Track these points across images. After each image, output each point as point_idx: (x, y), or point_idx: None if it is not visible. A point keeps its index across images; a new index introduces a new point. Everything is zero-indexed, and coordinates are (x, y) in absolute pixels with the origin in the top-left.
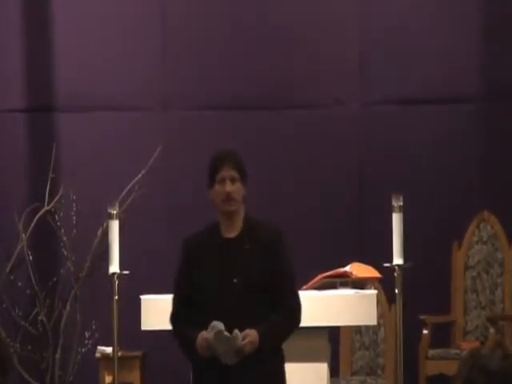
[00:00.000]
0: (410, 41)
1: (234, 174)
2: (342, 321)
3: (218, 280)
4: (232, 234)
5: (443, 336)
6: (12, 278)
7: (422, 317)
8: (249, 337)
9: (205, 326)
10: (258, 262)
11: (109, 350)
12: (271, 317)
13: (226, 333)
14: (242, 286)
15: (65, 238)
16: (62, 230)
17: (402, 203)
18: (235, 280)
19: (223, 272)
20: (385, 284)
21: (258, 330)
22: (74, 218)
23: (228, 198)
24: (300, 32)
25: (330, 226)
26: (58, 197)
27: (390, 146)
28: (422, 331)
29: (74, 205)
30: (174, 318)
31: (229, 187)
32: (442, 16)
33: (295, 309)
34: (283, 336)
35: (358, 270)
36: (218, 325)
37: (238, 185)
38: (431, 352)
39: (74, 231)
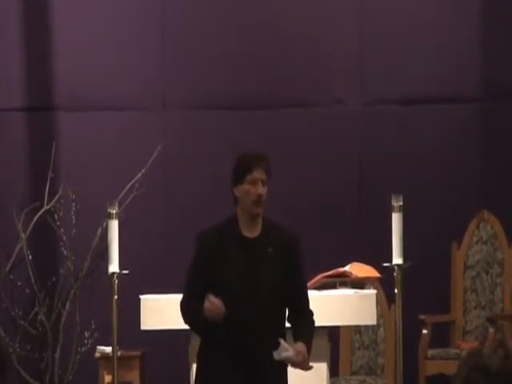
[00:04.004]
0: (410, 41)
1: (264, 177)
2: (342, 320)
3: (242, 279)
4: (252, 233)
5: (443, 336)
6: (11, 277)
7: (421, 316)
8: (302, 353)
9: (224, 324)
10: (281, 265)
11: (108, 349)
12: (303, 325)
13: (288, 353)
14: (266, 287)
15: (64, 238)
16: (62, 230)
17: (401, 203)
18: (261, 281)
19: (248, 272)
20: (384, 284)
21: (305, 342)
22: (74, 217)
23: (259, 199)
24: (300, 32)
25: (330, 226)
26: (57, 196)
27: (389, 145)
28: (421, 331)
29: (74, 204)
30: (186, 305)
31: (261, 189)
32: (442, 16)
33: (313, 315)
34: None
35: (357, 269)
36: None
37: (266, 188)
38: (431, 352)
39: (74, 231)
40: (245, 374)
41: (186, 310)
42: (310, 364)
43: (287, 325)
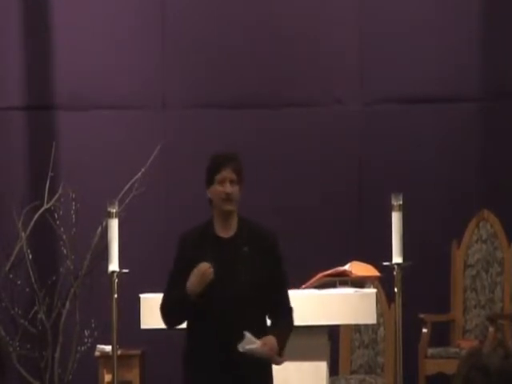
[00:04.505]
0: (410, 40)
1: (234, 176)
2: (342, 319)
3: (218, 281)
4: (227, 233)
5: (442, 335)
6: (11, 276)
7: (421, 315)
8: (269, 344)
9: (201, 322)
10: (257, 264)
11: (108, 348)
12: (278, 321)
13: (253, 345)
14: (243, 287)
15: (64, 237)
16: (62, 229)
17: (401, 202)
18: (236, 281)
19: (223, 272)
20: (384, 283)
21: (276, 336)
22: (74, 216)
23: (227, 198)
24: (300, 32)
25: (330, 226)
26: (57, 195)
27: (389, 145)
28: (421, 330)
29: (74, 203)
30: (164, 307)
31: (229, 188)
32: (442, 16)
33: (292, 312)
34: (288, 338)
35: (357, 268)
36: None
37: (237, 187)
38: (430, 351)
39: (74, 230)
40: (227, 374)
41: (165, 304)
42: (309, 362)
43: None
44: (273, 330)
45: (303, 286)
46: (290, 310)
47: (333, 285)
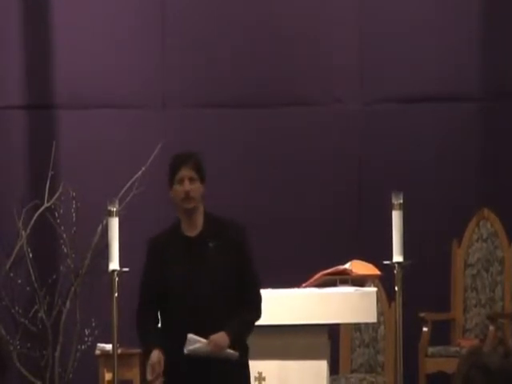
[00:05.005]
0: (410, 40)
1: (193, 174)
2: (342, 318)
3: (184, 278)
4: (193, 232)
5: (443, 334)
6: (12, 275)
7: (421, 314)
8: (215, 341)
9: (173, 324)
10: (223, 260)
11: (108, 347)
12: (238, 314)
13: (196, 344)
14: (209, 284)
15: (64, 236)
16: (62, 228)
17: (401, 201)
18: (202, 278)
19: (189, 270)
20: (385, 281)
21: (228, 331)
22: (74, 215)
23: (187, 196)
24: (300, 32)
25: (330, 225)
26: (57, 194)
27: (389, 145)
28: (421, 329)
29: (74, 202)
30: (139, 314)
31: (187, 186)
32: (442, 16)
33: (258, 305)
34: (249, 332)
35: (358, 267)
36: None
37: (197, 184)
38: (431, 350)
39: (74, 228)
40: (199, 372)
41: (139, 326)
42: (310, 361)
43: None
44: (227, 326)
45: (304, 285)
46: (255, 304)
47: (333, 283)
